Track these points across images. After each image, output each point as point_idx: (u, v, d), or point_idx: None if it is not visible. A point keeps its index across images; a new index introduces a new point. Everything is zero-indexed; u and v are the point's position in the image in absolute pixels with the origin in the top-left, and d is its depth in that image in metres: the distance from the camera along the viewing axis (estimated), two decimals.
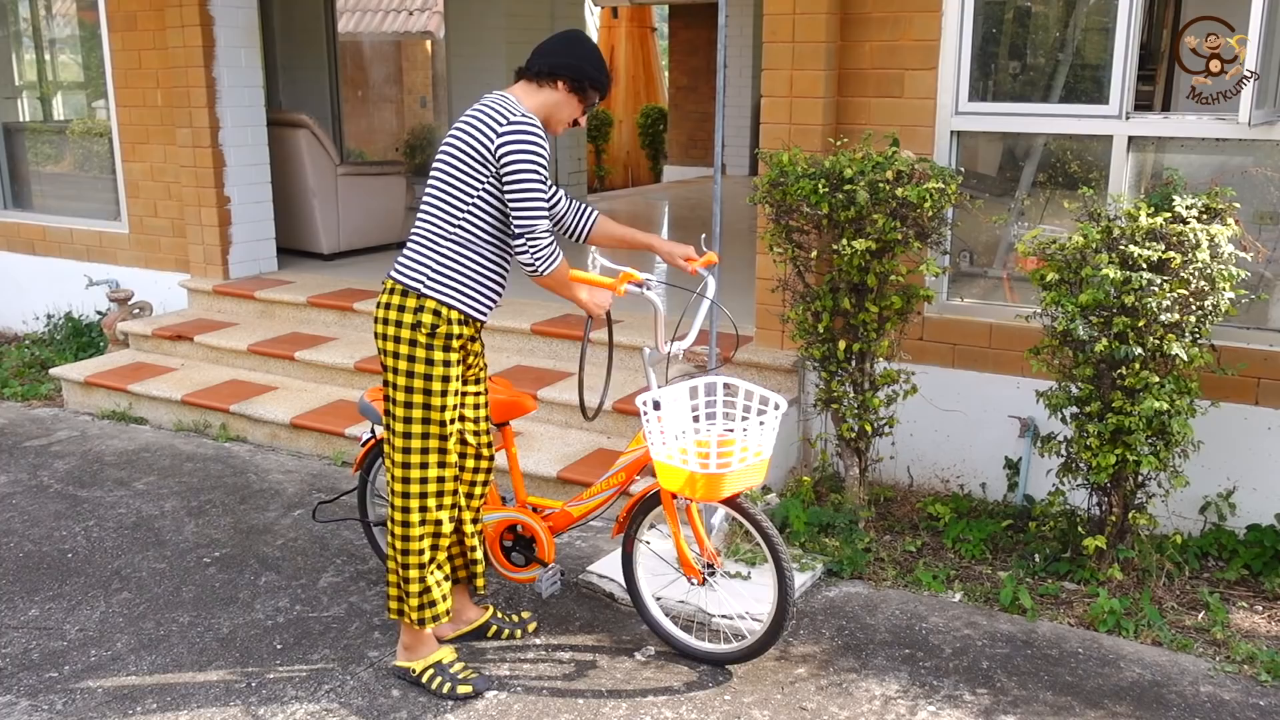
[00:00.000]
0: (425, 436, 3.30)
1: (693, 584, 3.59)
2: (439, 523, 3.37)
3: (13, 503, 4.99)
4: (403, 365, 3.27)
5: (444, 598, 3.43)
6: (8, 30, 8.24)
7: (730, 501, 3.36)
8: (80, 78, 7.99)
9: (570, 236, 3.61)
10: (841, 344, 4.38)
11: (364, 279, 7.01)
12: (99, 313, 7.43)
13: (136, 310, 6.96)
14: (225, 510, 4.87)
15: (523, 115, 3.18)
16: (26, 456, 5.58)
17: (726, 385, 3.40)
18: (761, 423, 3.25)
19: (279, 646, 3.74)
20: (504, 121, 3.15)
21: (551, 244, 3.22)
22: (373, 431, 3.97)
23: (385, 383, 3.34)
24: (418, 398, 3.27)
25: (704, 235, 3.29)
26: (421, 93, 14.99)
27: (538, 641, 3.76)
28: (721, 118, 4.39)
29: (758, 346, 5.20)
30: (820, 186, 4.21)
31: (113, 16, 7.11)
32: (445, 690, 3.41)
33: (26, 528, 4.71)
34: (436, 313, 3.25)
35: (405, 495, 3.35)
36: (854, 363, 4.47)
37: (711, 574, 3.57)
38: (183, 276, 7.12)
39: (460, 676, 3.45)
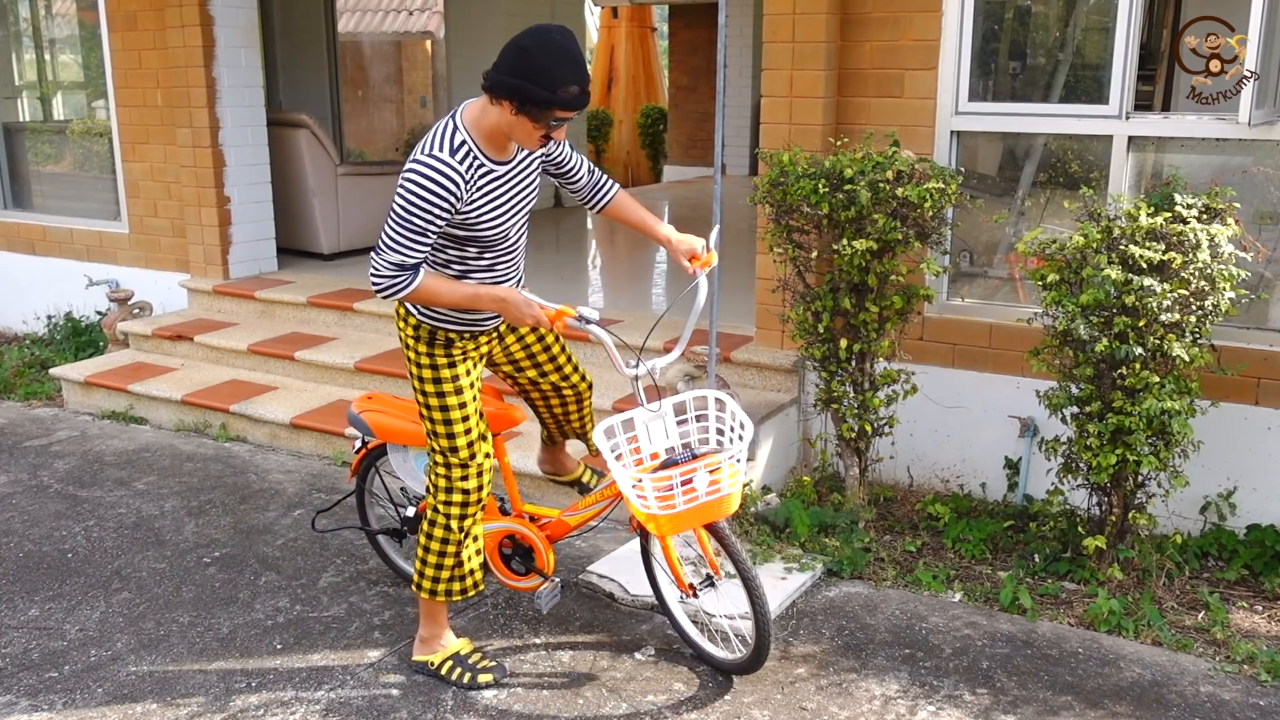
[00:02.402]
0: (447, 423, 3.32)
1: (684, 599, 3.55)
2: (467, 492, 3.38)
3: (13, 503, 4.99)
4: (412, 369, 3.35)
5: (475, 570, 3.48)
6: (8, 30, 8.24)
7: (707, 526, 3.30)
8: (80, 78, 7.98)
9: (586, 205, 3.57)
10: (842, 343, 4.38)
11: (364, 279, 6.99)
12: (99, 313, 7.42)
13: (136, 310, 6.96)
14: (225, 510, 4.87)
15: (429, 155, 2.99)
16: (26, 456, 5.58)
17: (718, 400, 3.32)
18: (736, 459, 3.17)
19: (279, 646, 3.74)
20: (415, 154, 3.04)
21: (393, 278, 3.02)
22: (364, 440, 3.97)
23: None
24: (430, 387, 3.32)
25: (717, 227, 3.21)
26: (421, 93, 14.99)
27: (538, 641, 3.76)
28: (721, 118, 4.40)
29: (758, 346, 5.20)
30: (820, 186, 4.21)
31: (113, 16, 7.11)
32: (465, 680, 3.45)
33: (26, 528, 4.71)
34: (420, 325, 3.31)
35: (438, 472, 3.39)
36: (854, 363, 4.47)
37: (710, 586, 3.50)
38: (183, 276, 7.12)
39: (480, 666, 3.49)
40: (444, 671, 3.49)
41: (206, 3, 6.57)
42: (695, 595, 3.51)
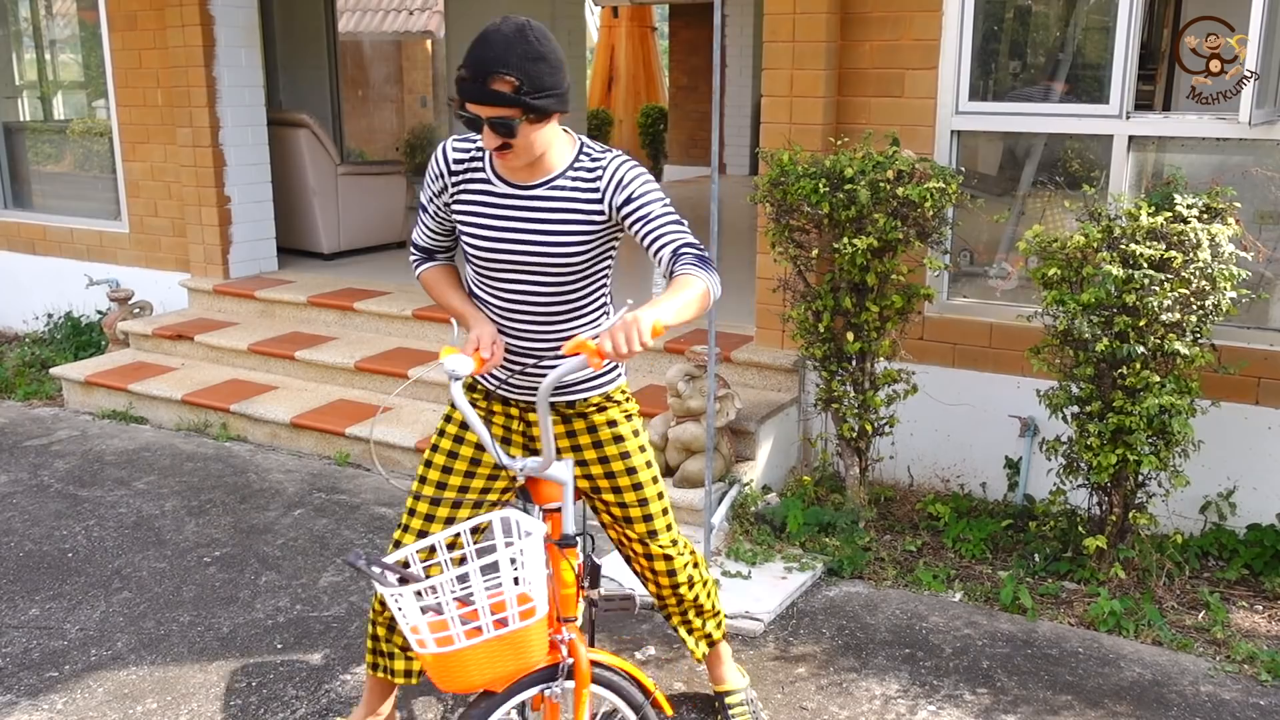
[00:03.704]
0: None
1: None
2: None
3: (13, 502, 4.99)
4: None
5: (381, 661, 3.04)
6: (8, 30, 8.24)
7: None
8: (80, 77, 7.99)
9: None
10: (848, 337, 4.38)
11: (364, 279, 7.01)
12: (99, 312, 7.43)
13: (137, 310, 6.97)
14: (225, 510, 4.87)
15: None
16: (27, 456, 5.58)
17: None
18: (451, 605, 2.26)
19: (279, 646, 3.75)
20: None
21: (410, 254, 2.98)
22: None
23: None
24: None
25: (630, 303, 2.37)
26: (421, 93, 15.00)
27: None
28: (719, 118, 4.39)
29: (758, 346, 5.21)
30: (821, 186, 4.21)
31: (113, 16, 7.12)
32: None
33: (27, 527, 4.72)
34: None
35: None
36: (855, 362, 4.47)
37: None
38: (183, 276, 7.12)
39: None
40: None
41: (207, 2, 6.57)
42: None
